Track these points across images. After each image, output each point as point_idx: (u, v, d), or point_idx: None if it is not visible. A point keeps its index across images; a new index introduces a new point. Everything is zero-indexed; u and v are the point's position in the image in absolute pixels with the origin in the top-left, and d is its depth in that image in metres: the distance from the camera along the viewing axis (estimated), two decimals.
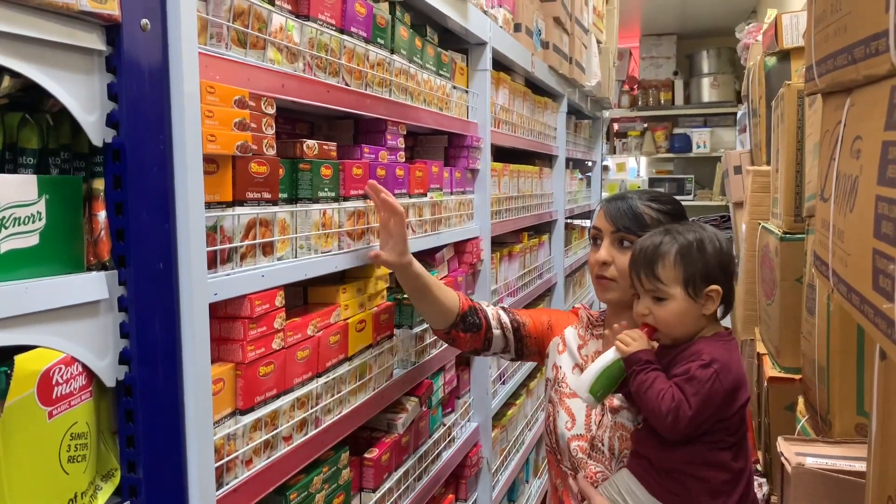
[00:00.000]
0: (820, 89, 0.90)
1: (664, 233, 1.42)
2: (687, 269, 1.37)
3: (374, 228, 1.59)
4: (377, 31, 1.59)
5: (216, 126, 1.05)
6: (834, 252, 0.84)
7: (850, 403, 1.30)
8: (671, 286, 1.38)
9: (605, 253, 1.53)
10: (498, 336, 1.72)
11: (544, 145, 3.19)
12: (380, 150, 1.64)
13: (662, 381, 1.32)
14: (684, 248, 1.38)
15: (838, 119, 0.85)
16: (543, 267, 3.26)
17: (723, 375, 1.31)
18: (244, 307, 1.16)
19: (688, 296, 1.37)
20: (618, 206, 1.54)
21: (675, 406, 1.29)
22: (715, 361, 1.32)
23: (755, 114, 2.58)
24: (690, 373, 1.31)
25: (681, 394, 1.30)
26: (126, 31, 0.90)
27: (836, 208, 0.83)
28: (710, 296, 1.37)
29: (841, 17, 0.75)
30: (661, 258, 1.38)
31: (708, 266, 1.38)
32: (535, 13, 2.93)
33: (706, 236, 1.41)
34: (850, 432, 1.30)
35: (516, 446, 2.89)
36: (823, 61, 0.84)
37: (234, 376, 1.16)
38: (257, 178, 1.19)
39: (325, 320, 1.43)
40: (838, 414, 1.30)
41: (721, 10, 7.26)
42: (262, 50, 1.21)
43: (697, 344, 1.38)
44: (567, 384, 1.61)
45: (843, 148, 0.82)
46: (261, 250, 1.21)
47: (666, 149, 8.11)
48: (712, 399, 1.30)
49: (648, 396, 1.31)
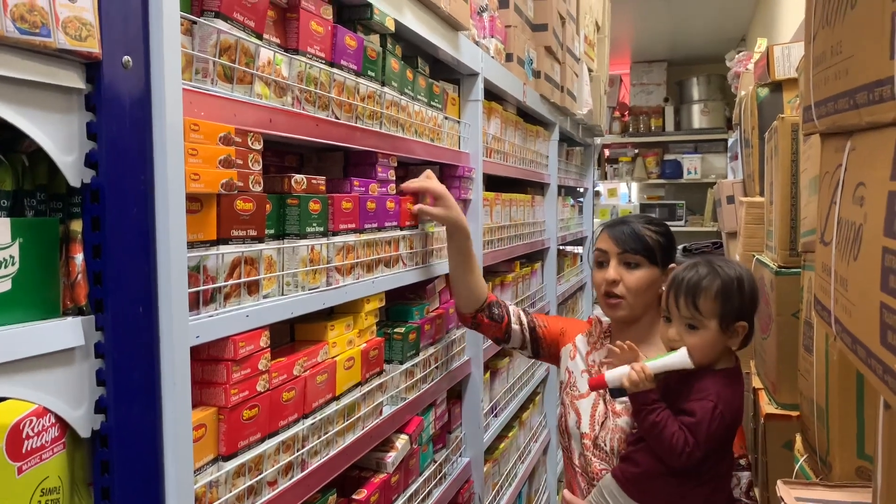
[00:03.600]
0: (819, 131, 0.88)
1: (707, 265, 1.50)
2: (725, 306, 1.45)
3: (363, 263, 1.56)
4: (368, 63, 1.57)
5: (200, 164, 1.02)
6: (836, 299, 0.81)
7: (850, 446, 1.26)
8: (708, 318, 1.46)
9: (614, 272, 1.66)
10: (517, 331, 1.91)
11: (536, 173, 3.17)
12: (370, 183, 1.62)
13: (673, 423, 1.43)
14: (727, 286, 1.46)
15: (838, 162, 0.83)
16: (536, 295, 3.23)
17: (726, 413, 1.43)
18: (227, 349, 1.12)
19: (720, 329, 1.46)
20: (622, 229, 1.68)
21: (688, 451, 1.41)
22: (720, 402, 1.43)
23: (748, 144, 2.58)
24: (699, 418, 1.42)
25: (693, 439, 1.41)
26: (106, 69, 0.87)
27: (839, 254, 0.80)
28: (738, 331, 1.47)
29: (842, 60, 0.73)
30: (703, 291, 1.46)
31: (743, 304, 1.47)
32: (527, 43, 2.92)
33: (745, 275, 1.49)
34: (850, 475, 1.27)
35: (509, 480, 2.84)
36: (823, 103, 0.82)
37: (217, 421, 1.12)
38: (243, 216, 1.16)
39: (312, 359, 1.39)
40: (838, 456, 1.27)
41: (711, 38, 7.33)
42: (249, 85, 1.19)
43: (705, 380, 1.47)
44: (578, 388, 1.76)
45: (844, 192, 0.79)
46: (245, 289, 1.18)
47: (657, 174, 8.14)
48: (715, 436, 1.43)
49: (663, 437, 1.42)
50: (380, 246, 1.64)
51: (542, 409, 3.57)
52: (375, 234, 1.61)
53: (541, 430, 3.46)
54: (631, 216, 1.74)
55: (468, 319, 1.93)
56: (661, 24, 6.83)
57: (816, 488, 1.24)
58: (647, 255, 1.66)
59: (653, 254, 1.66)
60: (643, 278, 1.66)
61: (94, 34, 0.85)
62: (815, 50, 0.87)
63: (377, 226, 1.63)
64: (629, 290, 1.66)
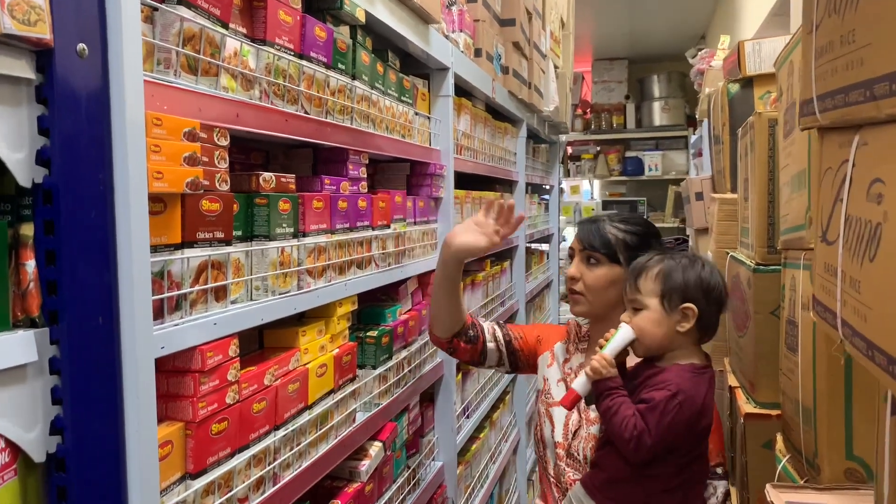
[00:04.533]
0: (821, 125, 0.85)
1: (658, 254, 1.54)
2: (665, 284, 1.47)
3: (334, 264, 1.49)
4: (338, 56, 1.50)
5: (163, 162, 0.94)
6: (844, 301, 0.78)
7: (838, 448, 1.24)
8: (648, 297, 1.48)
9: (575, 269, 1.68)
10: (492, 349, 1.84)
11: (505, 171, 3.13)
12: (341, 181, 1.55)
13: (627, 408, 1.41)
14: (669, 267, 1.48)
15: (844, 157, 0.79)
16: (506, 294, 3.19)
17: (686, 407, 1.40)
18: (194, 360, 1.05)
19: (662, 308, 1.46)
20: (588, 227, 1.69)
21: (637, 434, 1.38)
22: (681, 392, 1.40)
23: (718, 140, 2.57)
24: (654, 402, 1.39)
25: (643, 423, 1.38)
26: (59, 58, 0.79)
27: (848, 254, 0.76)
28: (686, 313, 1.45)
29: (856, 49, 0.69)
30: (645, 272, 1.50)
31: (687, 286, 1.47)
32: (495, 38, 2.88)
33: (696, 265, 1.50)
34: (839, 477, 1.24)
35: (481, 481, 2.79)
36: (829, 96, 0.78)
37: (184, 437, 1.04)
38: (209, 217, 1.09)
39: (283, 367, 1.32)
40: (827, 458, 1.24)
41: (671, 36, 7.39)
42: (214, 77, 1.11)
43: (668, 372, 1.45)
44: (553, 395, 1.72)
45: (853, 189, 0.75)
46: (213, 295, 1.11)
47: (619, 172, 8.18)
48: (673, 428, 1.39)
49: (613, 422, 1.40)
50: (352, 247, 1.57)
51: (512, 409, 3.53)
52: (347, 235, 1.55)
53: (511, 429, 3.43)
54: (604, 214, 1.74)
55: (444, 344, 1.84)
56: (621, 22, 6.86)
57: (806, 492, 1.21)
58: (606, 253, 1.64)
59: (613, 252, 1.64)
60: (602, 276, 1.65)
61: (45, 18, 0.77)
62: (817, 40, 0.83)
63: (349, 226, 1.56)
64: (587, 287, 1.65)
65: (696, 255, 1.57)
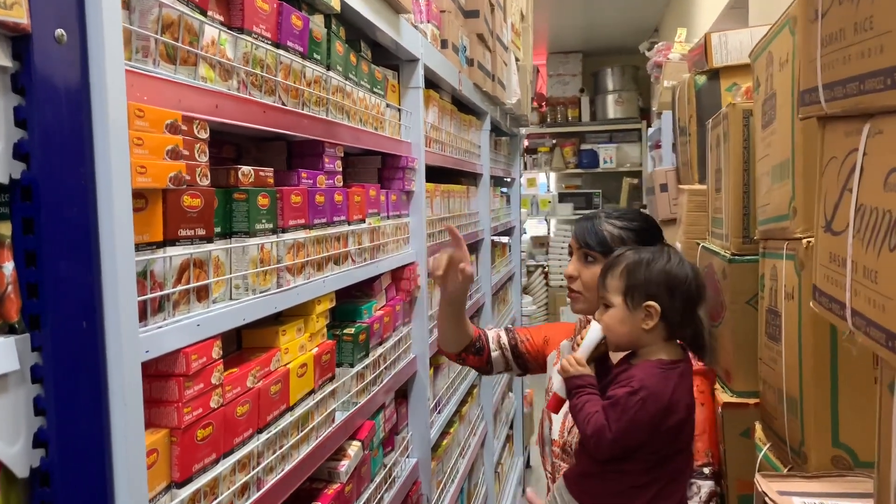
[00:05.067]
0: (826, 114, 0.84)
1: (627, 249, 1.53)
2: (628, 281, 1.46)
3: (313, 261, 1.45)
4: (314, 45, 1.46)
5: (146, 155, 0.89)
6: (856, 291, 0.77)
7: (825, 436, 1.25)
8: (613, 295, 1.47)
9: (572, 268, 1.69)
10: (497, 357, 1.88)
11: (470, 164, 3.11)
12: (318, 175, 1.51)
13: (592, 405, 1.41)
14: (632, 264, 1.48)
15: (852, 146, 0.79)
16: (472, 288, 3.17)
17: (650, 403, 1.38)
18: (179, 363, 1.00)
19: (626, 306, 1.46)
20: (584, 225, 1.69)
21: (597, 430, 1.38)
22: (644, 389, 1.39)
23: (684, 132, 2.58)
24: (616, 399, 1.39)
25: (604, 419, 1.38)
26: (37, 44, 0.74)
27: (860, 244, 0.76)
28: (649, 311, 1.44)
29: (874, 36, 0.68)
30: (611, 269, 1.50)
31: (649, 283, 1.46)
32: (460, 29, 2.85)
33: (660, 259, 1.49)
34: (826, 465, 1.25)
35: (451, 476, 2.78)
36: (840, 84, 0.77)
37: (169, 444, 0.99)
38: (190, 213, 1.03)
39: (264, 368, 1.27)
40: (814, 446, 1.25)
41: (624, 29, 7.46)
42: (193, 66, 1.06)
43: (635, 368, 1.45)
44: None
45: (865, 178, 0.75)
46: (195, 295, 1.06)
47: (574, 164, 8.26)
48: (635, 425, 1.38)
49: (578, 419, 1.42)
50: (329, 242, 1.53)
51: (479, 402, 3.52)
52: (325, 230, 1.50)
53: (479, 422, 3.42)
54: (603, 210, 1.74)
55: (453, 357, 1.90)
56: (575, 16, 6.90)
57: (795, 480, 1.22)
58: (602, 251, 1.63)
59: (610, 249, 1.62)
60: (598, 274, 1.60)
61: (22, 2, 0.72)
62: (824, 29, 0.82)
63: (326, 221, 1.52)
64: (585, 285, 1.65)
65: (666, 247, 1.57)
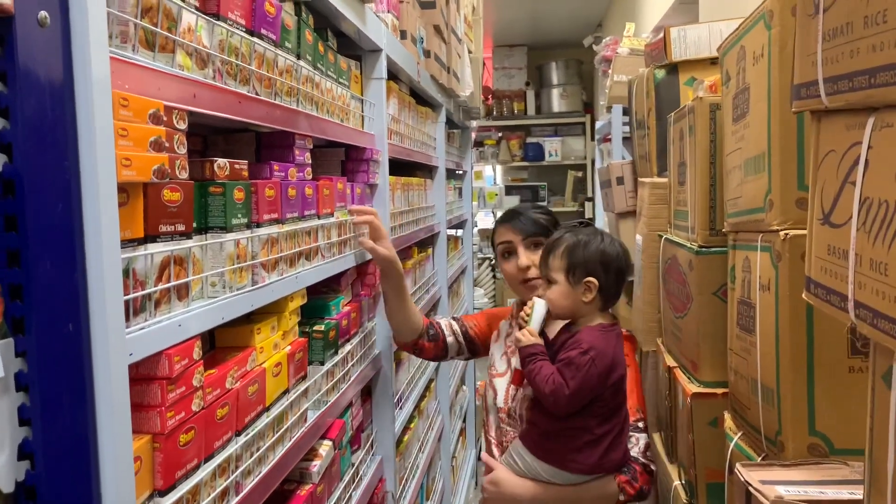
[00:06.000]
0: (826, 108, 0.85)
1: (565, 232, 1.76)
2: (570, 261, 1.69)
3: (286, 257, 1.41)
4: (285, 33, 1.41)
5: (131, 147, 0.84)
6: (861, 284, 0.78)
7: (802, 424, 1.28)
8: (556, 273, 1.70)
9: (525, 259, 1.88)
10: (452, 342, 2.06)
11: (428, 156, 3.08)
12: (289, 167, 1.46)
13: (547, 368, 1.62)
14: (572, 245, 1.70)
15: (854, 140, 0.80)
16: (430, 281, 3.15)
17: (598, 361, 1.61)
18: (161, 365, 0.95)
19: (568, 282, 1.69)
20: (520, 219, 1.92)
21: (555, 388, 1.59)
22: (592, 349, 1.62)
23: (642, 126, 2.61)
24: (570, 359, 1.61)
25: (560, 378, 1.59)
26: (19, 27, 0.68)
27: (866, 237, 0.77)
28: (588, 286, 1.68)
29: (887, 30, 0.69)
30: (553, 250, 1.72)
31: (588, 262, 1.69)
32: (418, 20, 2.82)
33: (595, 240, 1.72)
34: (803, 453, 1.28)
35: (412, 472, 2.76)
36: (846, 78, 0.78)
37: (152, 451, 0.95)
38: (170, 208, 0.98)
39: (242, 368, 1.23)
40: (791, 435, 1.28)
41: (569, 24, 7.53)
42: (171, 54, 1.01)
43: (581, 333, 1.68)
44: (496, 367, 1.95)
45: (872, 172, 0.76)
46: (175, 294, 1.01)
47: (520, 157, 8.30)
48: (588, 380, 1.60)
49: (536, 381, 1.62)
50: (300, 237, 1.49)
51: (436, 396, 3.51)
52: (297, 225, 1.46)
53: (436, 416, 3.40)
54: (518, 206, 2.01)
55: (409, 347, 2.06)
56: (520, 9, 6.92)
57: (774, 469, 1.24)
58: (545, 235, 1.87)
59: (549, 232, 1.87)
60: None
61: None
62: (826, 23, 0.83)
63: (298, 215, 1.47)
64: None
65: (597, 229, 1.81)
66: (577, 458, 1.68)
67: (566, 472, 1.69)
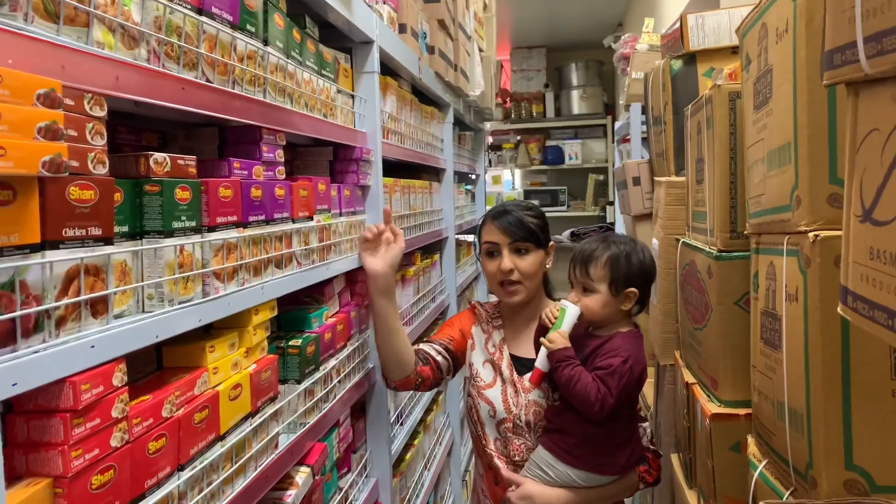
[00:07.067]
0: (866, 75, 0.68)
1: (602, 240, 1.77)
2: (613, 273, 1.72)
3: (248, 265, 1.25)
4: (246, 15, 1.26)
5: (5, 132, 0.69)
6: None
7: (837, 457, 1.09)
8: (598, 283, 1.73)
9: (508, 262, 1.83)
10: (442, 362, 1.93)
11: (433, 158, 2.92)
12: (254, 165, 1.31)
13: (586, 376, 1.64)
14: (614, 256, 1.73)
15: None
16: (437, 289, 2.99)
17: (635, 367, 1.68)
18: (64, 395, 0.80)
19: (610, 292, 1.73)
20: (508, 220, 1.84)
21: (601, 397, 1.62)
22: (631, 357, 1.67)
23: (658, 121, 2.43)
24: (613, 368, 1.65)
25: (605, 387, 1.63)
26: None
27: None
28: (629, 296, 1.74)
29: None
30: (595, 260, 1.74)
31: (631, 273, 1.73)
32: (420, 14, 2.66)
33: (634, 249, 1.76)
34: (838, 490, 1.10)
35: (416, 491, 2.59)
36: (892, 33, 0.61)
37: (52, 498, 0.79)
38: (81, 208, 0.84)
39: (186, 392, 1.07)
40: (825, 470, 1.10)
41: (588, 24, 7.34)
42: (84, 27, 0.86)
43: (616, 340, 1.72)
44: (482, 378, 1.90)
45: None
46: (89, 309, 0.86)
47: (539, 161, 8.10)
48: (628, 387, 1.67)
49: (577, 389, 1.63)
50: (269, 243, 1.33)
51: (446, 409, 3.35)
52: (263, 229, 1.31)
53: (445, 430, 3.24)
54: (510, 204, 1.92)
55: (411, 383, 1.86)
56: (538, 10, 6.74)
57: None
58: (534, 241, 1.84)
59: (538, 238, 1.85)
60: (534, 262, 1.85)
61: None
62: None
63: (265, 218, 1.32)
64: (524, 274, 1.84)
65: (633, 239, 1.82)
66: (611, 462, 1.73)
67: (600, 476, 1.74)
